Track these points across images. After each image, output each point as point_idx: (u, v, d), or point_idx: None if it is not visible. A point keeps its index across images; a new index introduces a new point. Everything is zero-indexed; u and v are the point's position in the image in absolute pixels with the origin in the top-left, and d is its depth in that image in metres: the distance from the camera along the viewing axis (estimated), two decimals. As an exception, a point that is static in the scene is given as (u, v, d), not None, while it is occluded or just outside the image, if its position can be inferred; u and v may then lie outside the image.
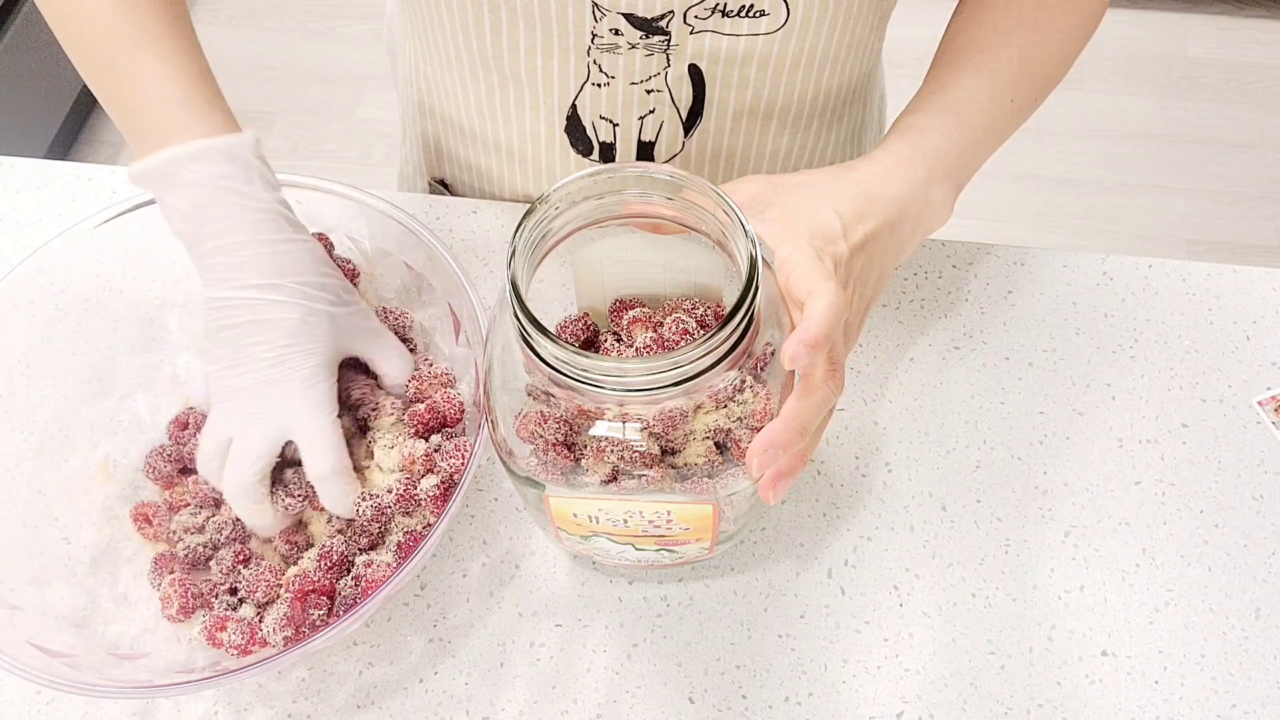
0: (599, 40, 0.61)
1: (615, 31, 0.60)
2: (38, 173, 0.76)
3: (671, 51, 0.62)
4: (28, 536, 0.57)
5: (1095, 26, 0.63)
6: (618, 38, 0.60)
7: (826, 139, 0.73)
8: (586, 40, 0.61)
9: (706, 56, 0.62)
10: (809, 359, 0.45)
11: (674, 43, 0.61)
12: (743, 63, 0.63)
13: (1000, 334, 0.68)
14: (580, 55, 0.62)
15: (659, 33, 0.60)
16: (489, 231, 0.72)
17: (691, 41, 0.61)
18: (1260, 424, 0.65)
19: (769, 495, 0.49)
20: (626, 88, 0.64)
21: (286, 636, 0.53)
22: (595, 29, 0.60)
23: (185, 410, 0.63)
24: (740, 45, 0.62)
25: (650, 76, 0.63)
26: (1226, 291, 0.70)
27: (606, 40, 0.61)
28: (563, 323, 0.56)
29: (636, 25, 0.60)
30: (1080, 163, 1.88)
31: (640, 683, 0.57)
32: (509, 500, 0.62)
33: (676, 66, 0.63)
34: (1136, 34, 2.04)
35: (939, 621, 0.58)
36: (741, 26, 0.60)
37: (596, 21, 0.60)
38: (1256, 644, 0.58)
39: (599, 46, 0.61)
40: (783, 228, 0.51)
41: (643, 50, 0.61)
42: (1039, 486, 0.63)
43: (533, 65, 0.64)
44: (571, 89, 0.65)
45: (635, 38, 0.60)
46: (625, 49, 0.61)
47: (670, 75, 0.63)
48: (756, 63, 0.63)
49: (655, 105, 0.65)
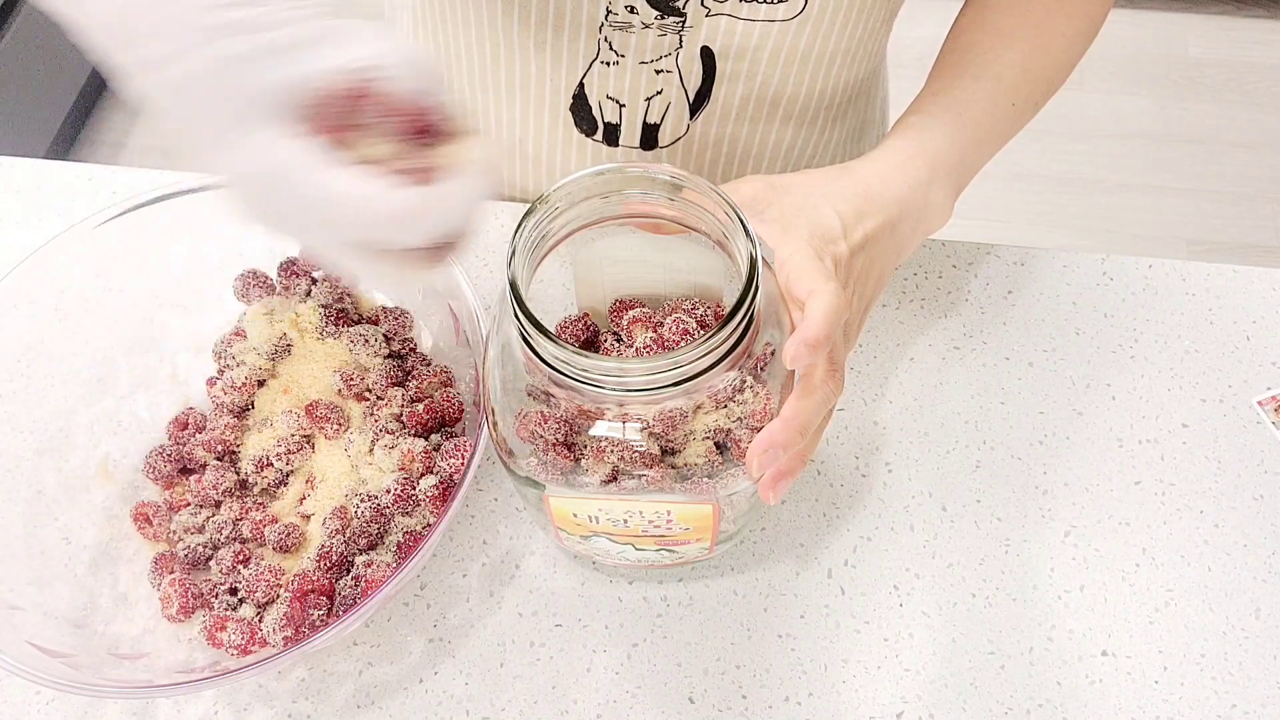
0: (613, 17, 0.60)
1: (630, 9, 0.60)
2: (38, 173, 0.76)
3: (685, 33, 0.61)
4: (28, 536, 0.57)
5: (1096, 33, 0.63)
6: (632, 15, 0.60)
7: (829, 135, 0.73)
8: (600, 16, 0.61)
9: (720, 39, 0.62)
10: (810, 359, 0.45)
11: (688, 24, 0.61)
12: (755, 50, 0.63)
13: (1000, 334, 0.68)
14: (592, 31, 0.62)
15: (675, 13, 0.60)
16: (489, 231, 0.72)
17: (706, 24, 0.61)
18: (1260, 424, 0.65)
19: (769, 495, 0.49)
20: (636, 66, 0.64)
21: (286, 636, 0.53)
22: (610, 5, 0.60)
23: (185, 410, 0.63)
24: (755, 31, 0.61)
25: (661, 56, 0.63)
26: (1226, 291, 0.70)
27: (621, 18, 0.60)
28: (562, 323, 0.56)
29: (653, 4, 0.59)
30: (1080, 163, 1.88)
31: (640, 683, 0.57)
32: (509, 500, 0.62)
33: (688, 48, 0.63)
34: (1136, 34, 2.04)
35: (939, 621, 0.58)
36: (759, 11, 0.60)
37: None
38: (1256, 644, 0.58)
39: (612, 24, 0.61)
40: (783, 228, 0.51)
41: (656, 30, 0.61)
42: (1039, 486, 0.63)
43: (542, 39, 0.63)
44: (580, 66, 0.64)
45: (650, 17, 0.60)
46: (639, 28, 0.61)
47: (681, 56, 0.63)
48: (769, 51, 0.63)
49: (663, 86, 0.65)
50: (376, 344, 0.62)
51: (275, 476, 0.60)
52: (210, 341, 0.64)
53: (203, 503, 0.60)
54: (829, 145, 0.74)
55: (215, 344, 0.63)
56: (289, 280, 0.64)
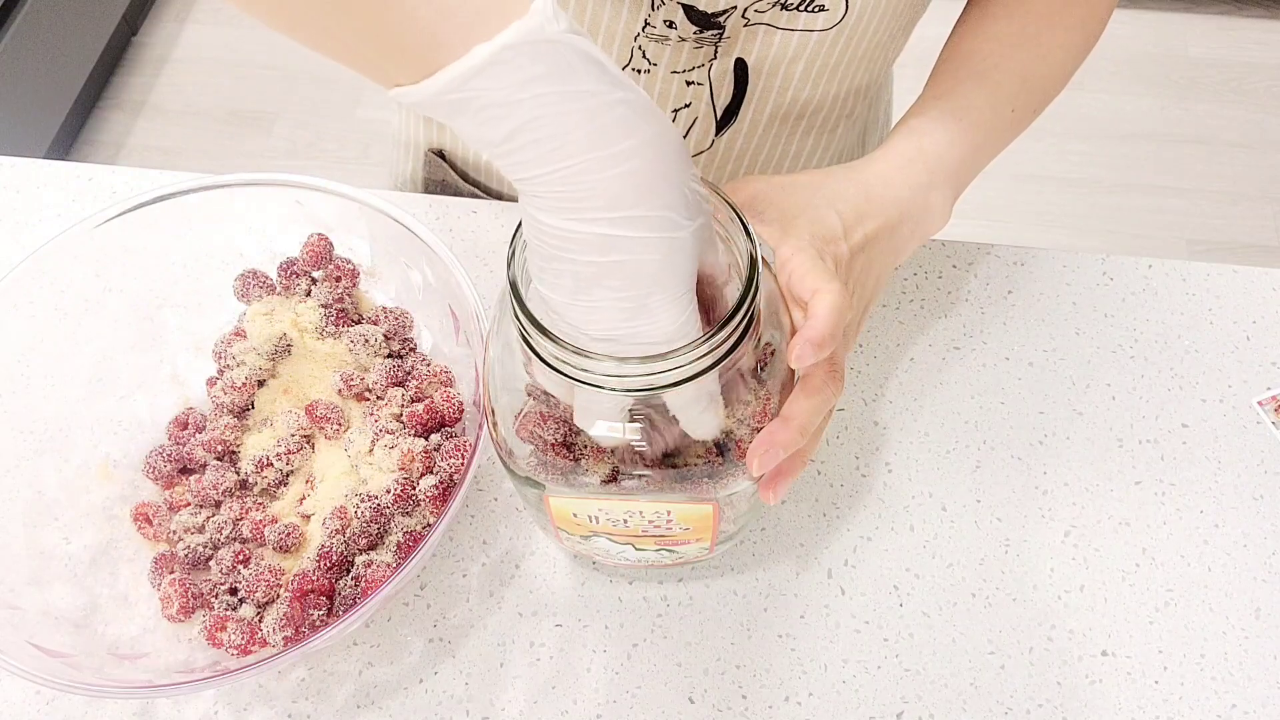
0: (650, 29, 0.60)
1: (669, 24, 0.59)
2: (38, 173, 0.76)
3: (721, 45, 0.61)
4: (28, 536, 0.57)
5: (1095, 43, 0.63)
6: (670, 30, 0.59)
7: (839, 139, 0.73)
8: (638, 28, 0.60)
9: (756, 52, 0.62)
10: (815, 358, 0.45)
11: (726, 35, 0.60)
12: (790, 62, 0.62)
13: (1000, 334, 0.68)
14: (627, 40, 0.61)
15: (715, 27, 0.59)
16: (489, 231, 0.72)
17: (744, 35, 0.61)
18: (1260, 424, 0.65)
19: (769, 495, 0.49)
20: (666, 76, 0.63)
21: (286, 636, 0.53)
22: (650, 17, 0.59)
23: (185, 410, 0.63)
24: (792, 42, 0.61)
25: (694, 67, 0.62)
26: (1226, 291, 0.70)
27: (658, 31, 0.60)
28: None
29: (694, 20, 0.58)
30: (1080, 163, 1.88)
31: (640, 683, 0.57)
32: (509, 500, 0.62)
33: (722, 61, 0.62)
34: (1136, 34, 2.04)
35: (939, 621, 0.58)
36: (798, 21, 0.60)
37: (654, 10, 0.58)
38: (1256, 644, 0.58)
39: (648, 35, 0.60)
40: (783, 228, 0.51)
41: (692, 43, 0.60)
42: (1039, 486, 0.63)
43: None
44: None
45: (689, 32, 0.59)
46: (675, 41, 0.60)
47: (715, 69, 0.63)
48: (803, 63, 0.63)
49: (692, 99, 0.64)
50: (376, 344, 0.62)
51: (275, 476, 0.60)
52: (210, 341, 0.64)
53: (203, 503, 0.60)
54: (837, 149, 0.74)
55: (215, 344, 0.63)
56: (289, 280, 0.64)
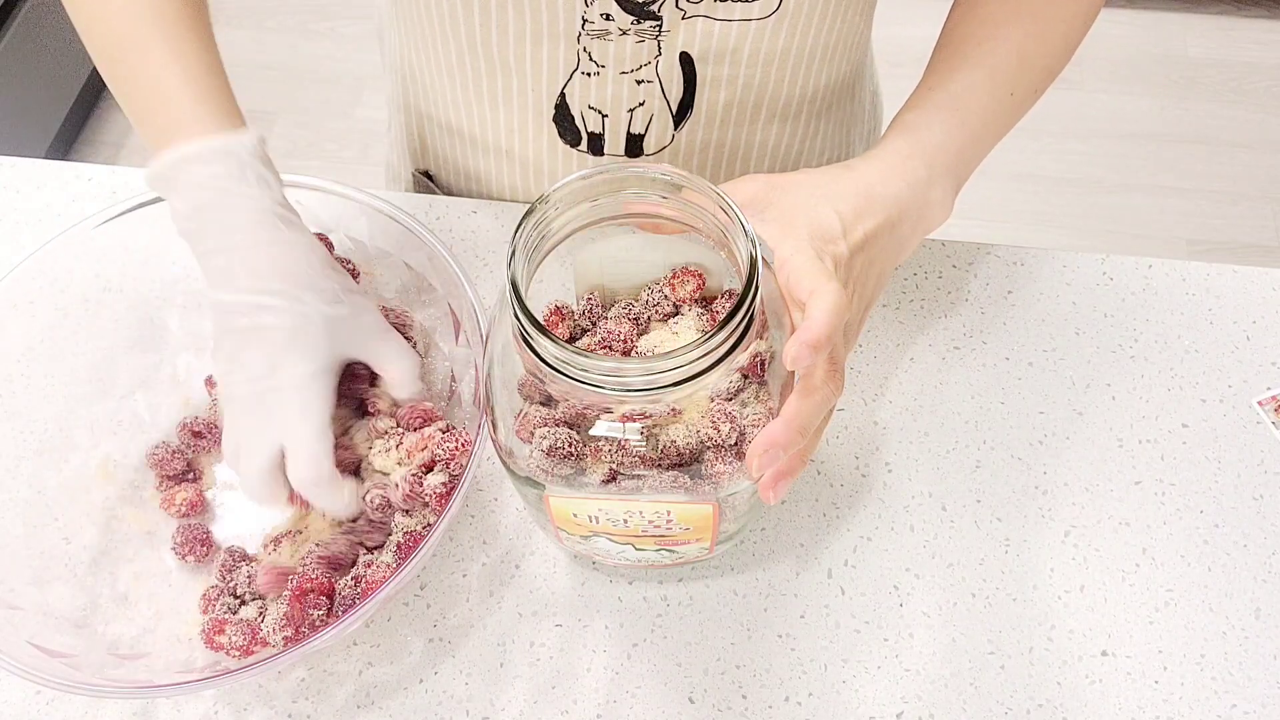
0: (589, 26, 0.60)
1: (606, 16, 0.60)
2: (38, 173, 0.76)
3: (663, 38, 0.61)
4: (28, 536, 0.57)
5: (1095, 15, 0.62)
6: (608, 23, 0.60)
7: (816, 132, 0.73)
8: (577, 26, 0.61)
9: (698, 44, 0.62)
10: (811, 360, 0.45)
11: (665, 29, 0.61)
12: (733, 52, 0.63)
13: (1000, 334, 0.68)
14: (570, 42, 0.62)
15: (650, 17, 0.60)
16: (489, 231, 0.72)
17: (683, 28, 0.61)
18: (1260, 424, 0.65)
19: (769, 495, 0.49)
20: (616, 77, 0.64)
21: (286, 636, 0.53)
22: (586, 13, 0.60)
23: (200, 420, 0.62)
24: (732, 32, 0.61)
25: (641, 66, 0.63)
26: (1226, 291, 0.70)
27: (597, 26, 0.60)
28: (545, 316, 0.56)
29: (628, 10, 0.59)
30: (1080, 163, 1.88)
31: (640, 683, 0.57)
32: (509, 500, 0.62)
33: (667, 55, 0.63)
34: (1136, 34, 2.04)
35: (939, 621, 0.58)
36: (734, 11, 0.60)
37: (588, 6, 0.59)
38: (1256, 644, 0.58)
39: (589, 33, 0.61)
40: (782, 228, 0.51)
41: (633, 37, 0.61)
42: (1039, 486, 0.63)
43: (521, 52, 0.63)
44: (560, 77, 0.65)
45: (626, 23, 0.60)
46: (616, 35, 0.61)
47: (661, 65, 0.63)
48: (747, 53, 0.63)
49: (645, 97, 0.65)
50: (376, 344, 0.61)
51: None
52: (210, 341, 0.64)
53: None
54: (816, 142, 0.74)
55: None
56: (289, 280, 0.63)
